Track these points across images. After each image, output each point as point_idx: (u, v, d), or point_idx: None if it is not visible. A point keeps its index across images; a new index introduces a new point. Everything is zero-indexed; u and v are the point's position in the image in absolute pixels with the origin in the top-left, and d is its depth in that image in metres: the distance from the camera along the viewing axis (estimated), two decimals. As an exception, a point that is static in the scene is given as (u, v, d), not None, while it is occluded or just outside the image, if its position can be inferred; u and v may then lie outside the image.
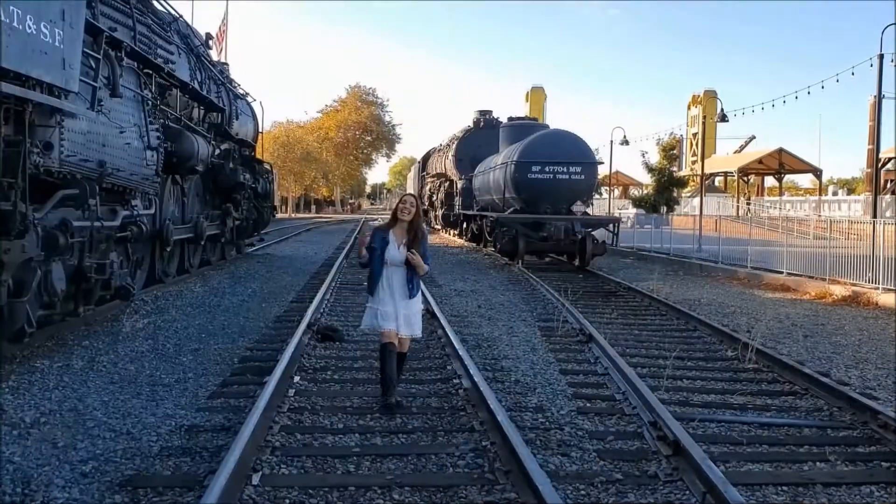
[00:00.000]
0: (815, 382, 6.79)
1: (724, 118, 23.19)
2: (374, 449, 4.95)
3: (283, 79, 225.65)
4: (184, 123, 12.61)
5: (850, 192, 69.07)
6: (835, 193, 63.17)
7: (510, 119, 25.42)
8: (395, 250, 5.82)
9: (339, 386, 6.54)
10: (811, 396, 6.58)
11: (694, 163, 54.89)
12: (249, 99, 19.72)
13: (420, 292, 6.09)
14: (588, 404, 6.12)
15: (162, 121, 10.96)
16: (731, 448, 5.18)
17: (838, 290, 13.58)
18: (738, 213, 41.54)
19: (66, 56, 6.80)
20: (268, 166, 21.09)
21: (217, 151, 15.03)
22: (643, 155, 40.08)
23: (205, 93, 13.88)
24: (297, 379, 6.62)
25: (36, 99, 6.36)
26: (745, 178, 54.21)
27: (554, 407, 5.98)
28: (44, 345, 7.89)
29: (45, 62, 6.40)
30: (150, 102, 10.00)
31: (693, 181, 49.74)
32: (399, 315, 5.81)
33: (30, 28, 6.08)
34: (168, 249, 12.22)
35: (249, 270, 16.35)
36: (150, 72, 10.28)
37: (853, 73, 26.77)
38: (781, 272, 15.82)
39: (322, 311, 10.54)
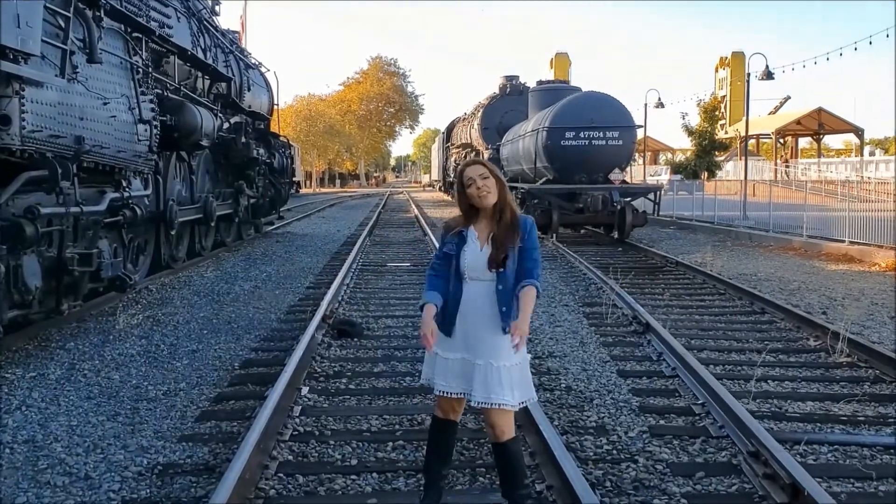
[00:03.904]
0: (930, 382, 5.59)
1: (769, 75, 21.58)
2: (397, 497, 3.83)
3: (302, 53, 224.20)
4: (185, 94, 11.49)
5: (884, 151, 66.75)
6: (871, 153, 60.98)
7: (539, 83, 23.94)
8: (477, 251, 3.35)
9: (355, 400, 5.44)
10: (932, 402, 5.37)
11: (722, 126, 52.71)
12: (263, 69, 18.54)
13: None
14: (661, 421, 4.93)
15: (158, 91, 9.84)
16: (859, 486, 3.98)
17: (913, 261, 12.22)
18: (776, 177, 39.73)
19: (21, 11, 5.69)
20: (285, 140, 19.96)
21: (226, 125, 13.92)
22: (683, 117, 38.36)
23: (209, 61, 12.74)
24: (304, 391, 5.53)
25: (-19, 62, 5.29)
26: (780, 140, 52.07)
27: (619, 427, 4.79)
28: (23, 347, 6.93)
29: (-9, 18, 5.32)
30: (140, 70, 8.88)
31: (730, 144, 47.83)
32: (474, 367, 3.31)
33: (-32, -25, 4.99)
34: (174, 232, 11.20)
35: (266, 251, 15.34)
36: (141, 36, 9.14)
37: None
38: (843, 241, 14.44)
39: (340, 298, 9.47)
